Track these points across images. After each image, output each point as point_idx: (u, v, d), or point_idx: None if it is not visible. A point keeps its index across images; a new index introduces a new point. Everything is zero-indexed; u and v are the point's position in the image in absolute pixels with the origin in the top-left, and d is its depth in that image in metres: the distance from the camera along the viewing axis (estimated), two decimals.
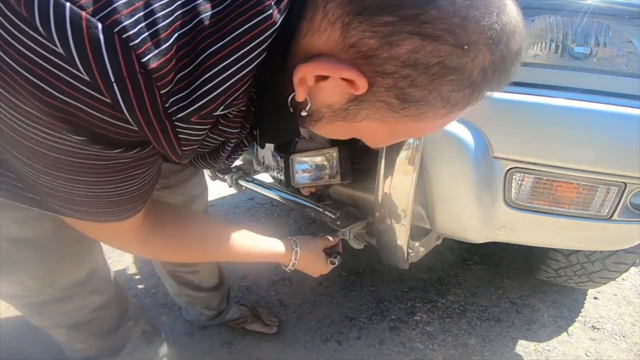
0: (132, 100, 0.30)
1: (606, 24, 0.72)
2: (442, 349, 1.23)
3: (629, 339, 1.29)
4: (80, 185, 0.39)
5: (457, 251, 1.74)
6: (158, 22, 0.29)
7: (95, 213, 0.44)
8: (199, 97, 0.33)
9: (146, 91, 0.30)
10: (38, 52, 0.27)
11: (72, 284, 0.72)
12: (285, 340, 1.26)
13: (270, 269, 1.61)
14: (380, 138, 0.45)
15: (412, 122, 0.38)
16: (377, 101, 0.36)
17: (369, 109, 0.38)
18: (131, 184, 0.42)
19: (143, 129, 0.33)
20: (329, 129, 0.44)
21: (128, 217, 0.48)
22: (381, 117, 0.38)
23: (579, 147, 0.71)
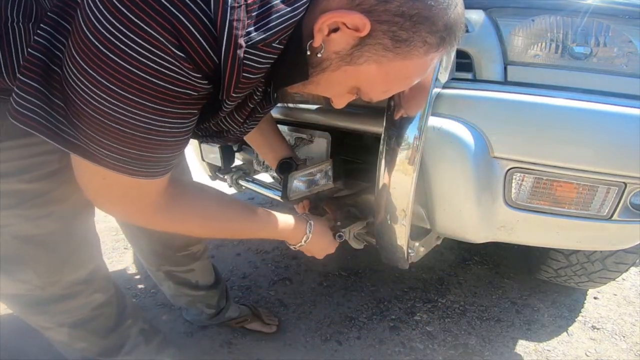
0: (231, 28, 0.42)
1: (606, 24, 0.72)
2: (442, 349, 1.23)
3: (629, 339, 1.29)
4: (143, 115, 0.43)
5: (457, 251, 1.74)
6: None
7: (134, 162, 0.48)
8: (265, 30, 0.45)
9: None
10: None
11: (75, 282, 0.72)
12: (285, 340, 1.26)
13: (270, 269, 1.61)
14: (377, 84, 0.54)
15: (402, 61, 0.51)
16: (376, 43, 0.48)
17: (369, 52, 0.49)
18: (180, 128, 0.48)
19: (225, 52, 0.43)
20: (333, 78, 0.53)
21: (160, 174, 0.52)
22: (379, 59, 0.50)
23: (579, 147, 0.71)
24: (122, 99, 0.42)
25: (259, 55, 0.46)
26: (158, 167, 0.51)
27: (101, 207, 0.57)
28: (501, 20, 0.77)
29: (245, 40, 0.44)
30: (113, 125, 0.44)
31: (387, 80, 0.54)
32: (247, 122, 0.66)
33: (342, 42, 0.49)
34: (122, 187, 0.52)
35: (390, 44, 0.49)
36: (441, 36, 0.49)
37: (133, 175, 0.49)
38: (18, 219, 0.61)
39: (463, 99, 0.77)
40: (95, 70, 0.40)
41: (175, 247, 1.08)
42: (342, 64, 0.51)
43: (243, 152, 1.34)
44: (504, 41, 0.77)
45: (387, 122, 0.75)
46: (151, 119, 0.44)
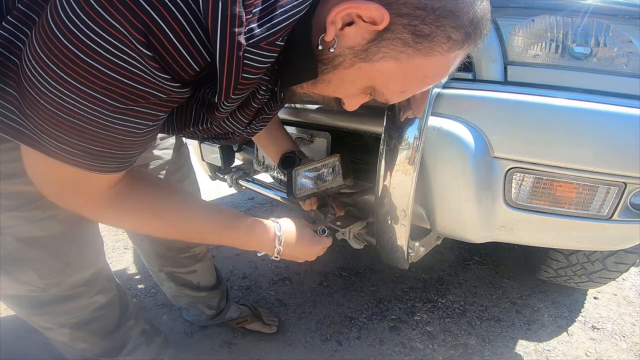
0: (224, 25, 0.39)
1: (606, 24, 0.72)
2: (442, 349, 1.23)
3: (629, 338, 1.29)
4: (104, 112, 0.41)
5: (457, 251, 1.74)
6: None
7: (89, 157, 0.45)
8: (269, 27, 0.42)
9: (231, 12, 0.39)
10: None
11: (78, 283, 0.72)
12: (285, 340, 1.26)
13: (270, 269, 1.61)
14: (394, 83, 0.50)
15: (423, 58, 0.46)
16: (395, 38, 0.44)
17: (387, 47, 0.45)
18: (142, 128, 0.45)
19: (220, 52, 0.40)
20: (346, 76, 0.49)
21: (116, 170, 0.49)
22: (397, 55, 0.46)
23: (579, 147, 0.71)
24: (82, 95, 0.39)
25: (260, 54, 0.43)
26: (115, 163, 0.48)
27: (51, 198, 0.53)
28: (501, 20, 0.77)
29: (246, 38, 0.41)
30: (70, 119, 0.41)
31: (405, 79, 0.50)
32: (253, 123, 0.62)
33: (357, 37, 0.45)
34: (71, 178, 0.49)
35: (410, 39, 0.44)
36: (466, 32, 0.45)
37: (86, 170, 0.46)
38: (20, 221, 0.61)
39: (463, 99, 0.77)
40: (56, 64, 0.38)
41: (178, 249, 1.08)
42: (357, 60, 0.47)
43: (243, 152, 1.34)
44: (504, 41, 0.77)
45: (387, 122, 0.75)
46: (110, 116, 0.41)
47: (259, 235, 0.70)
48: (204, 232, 0.64)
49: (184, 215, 0.62)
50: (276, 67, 0.50)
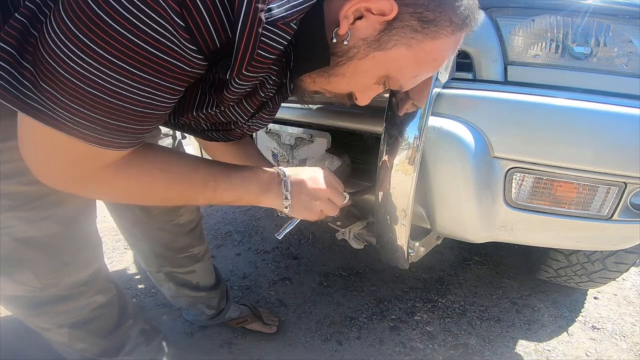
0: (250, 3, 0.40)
1: (606, 24, 0.72)
2: (442, 348, 1.23)
3: (629, 338, 1.29)
4: (127, 82, 0.40)
5: (457, 251, 1.74)
6: None
7: (105, 132, 0.43)
8: (287, 9, 0.44)
9: None
10: None
11: (76, 283, 0.72)
12: (285, 340, 1.26)
13: (271, 269, 1.61)
14: (407, 69, 0.54)
15: (431, 42, 0.51)
16: (404, 26, 0.49)
17: (398, 35, 0.49)
18: (163, 101, 0.44)
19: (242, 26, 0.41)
20: (361, 67, 0.52)
21: (130, 146, 0.47)
22: (408, 42, 0.50)
23: (579, 147, 0.71)
24: (108, 65, 0.38)
25: (277, 33, 0.45)
26: (129, 139, 0.46)
27: (45, 179, 0.49)
28: (501, 20, 0.77)
29: (266, 16, 0.42)
30: (92, 90, 0.39)
31: (417, 63, 0.53)
32: (256, 117, 0.63)
33: (368, 29, 0.49)
34: (76, 154, 0.46)
35: (418, 25, 0.49)
36: (464, 15, 0.50)
37: (101, 146, 0.44)
38: (17, 221, 0.61)
39: (463, 99, 0.77)
40: (83, 31, 0.36)
41: (177, 249, 1.08)
42: (371, 50, 0.51)
43: None
44: (504, 41, 0.77)
45: (387, 122, 0.75)
46: (135, 88, 0.40)
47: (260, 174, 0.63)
48: (212, 179, 0.59)
49: (188, 167, 0.58)
50: (284, 59, 0.53)
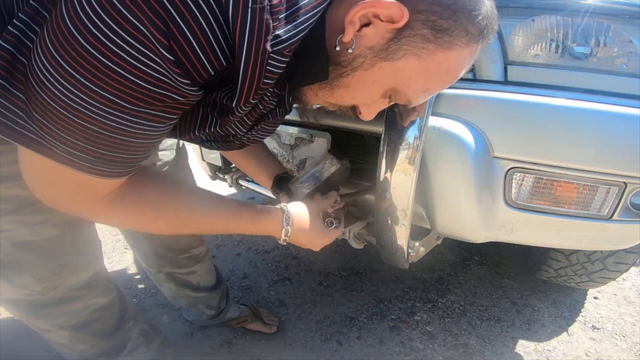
0: (252, 32, 0.39)
1: (606, 23, 0.72)
2: (442, 348, 1.23)
3: (629, 338, 1.29)
4: (118, 115, 0.39)
5: (457, 251, 1.74)
6: None
7: (98, 161, 0.43)
8: (294, 34, 0.42)
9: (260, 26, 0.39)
10: None
11: (76, 286, 0.72)
12: (285, 340, 1.26)
13: (271, 269, 1.61)
14: (417, 81, 0.49)
15: (444, 53, 0.46)
16: (415, 35, 0.45)
17: (408, 44, 0.45)
18: (155, 130, 0.44)
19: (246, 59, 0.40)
20: (366, 78, 0.48)
21: (123, 175, 0.47)
22: (418, 52, 0.46)
23: (579, 147, 0.71)
24: (97, 97, 0.37)
25: (281, 60, 0.43)
26: (123, 168, 0.46)
27: (48, 202, 0.51)
28: (501, 20, 0.76)
29: (271, 45, 0.40)
30: (82, 123, 0.39)
31: (427, 76, 0.49)
32: (255, 129, 0.60)
33: (376, 37, 0.45)
34: (74, 182, 0.46)
35: (430, 35, 0.45)
36: (482, 25, 0.46)
37: (94, 175, 0.45)
38: (16, 225, 0.60)
39: (463, 99, 0.77)
40: (71, 64, 0.36)
41: (178, 250, 1.08)
42: (377, 60, 0.46)
43: None
44: (504, 41, 0.77)
45: (387, 122, 0.75)
46: (125, 120, 0.40)
47: (265, 225, 0.66)
48: (209, 223, 0.61)
49: (186, 206, 0.59)
50: (283, 72, 0.50)
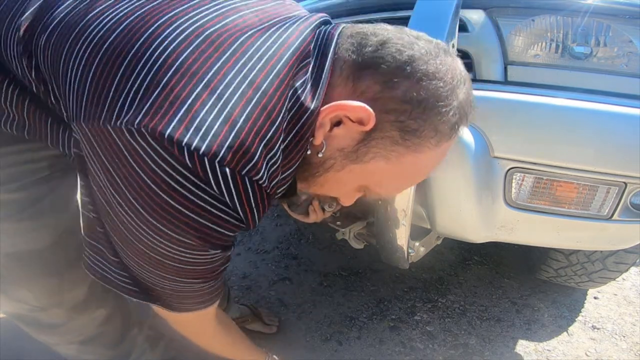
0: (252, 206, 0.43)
1: (606, 23, 0.72)
2: (442, 348, 1.23)
3: (629, 338, 1.29)
4: (182, 280, 0.48)
5: (457, 251, 1.74)
6: (271, 169, 0.42)
7: (190, 297, 0.53)
8: (283, 179, 0.46)
9: (260, 196, 0.43)
10: (202, 196, 0.38)
11: (78, 301, 0.70)
12: (286, 340, 1.26)
13: (271, 269, 1.61)
14: (387, 182, 0.50)
15: (413, 154, 0.46)
16: (383, 137, 0.44)
17: (377, 146, 0.45)
18: (224, 250, 0.49)
19: (248, 220, 0.44)
20: (339, 179, 0.49)
21: (210, 302, 0.57)
22: (387, 154, 0.45)
23: (579, 147, 0.71)
24: (170, 281, 0.48)
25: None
26: (212, 298, 0.57)
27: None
28: (501, 20, 0.77)
29: (265, 188, 0.44)
30: (175, 293, 0.51)
31: (397, 177, 0.50)
32: None
33: (346, 138, 0.45)
34: (188, 319, 0.60)
35: (399, 137, 0.44)
36: (453, 122, 0.45)
37: (192, 311, 0.56)
38: (7, 234, 0.58)
39: None
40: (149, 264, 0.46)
41: None
42: (347, 162, 0.47)
43: None
44: (504, 41, 0.77)
45: None
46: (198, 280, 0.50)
47: None
48: (240, 354, 0.80)
49: (233, 343, 0.78)
50: None
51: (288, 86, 0.41)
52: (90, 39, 0.38)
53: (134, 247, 0.44)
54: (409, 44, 0.43)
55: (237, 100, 0.37)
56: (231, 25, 0.41)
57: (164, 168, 0.36)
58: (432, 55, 0.43)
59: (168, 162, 0.36)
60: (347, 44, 0.44)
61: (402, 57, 0.42)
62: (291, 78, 0.41)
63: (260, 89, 0.39)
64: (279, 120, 0.40)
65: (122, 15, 0.39)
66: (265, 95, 0.39)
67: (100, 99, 0.36)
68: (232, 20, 0.41)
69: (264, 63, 0.40)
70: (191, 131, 0.35)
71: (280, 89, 0.40)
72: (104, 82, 0.36)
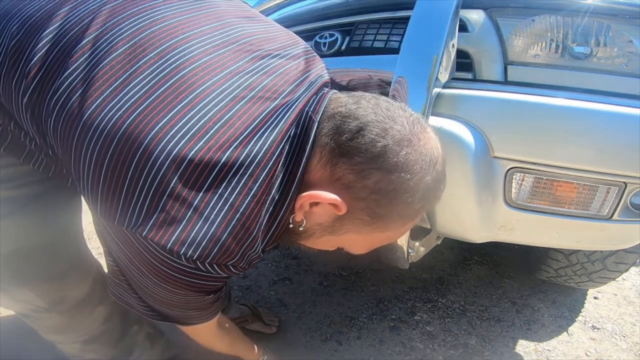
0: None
1: (606, 23, 0.72)
2: (442, 348, 1.23)
3: (629, 338, 1.29)
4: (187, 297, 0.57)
5: (457, 251, 1.74)
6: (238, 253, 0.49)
7: (195, 317, 0.66)
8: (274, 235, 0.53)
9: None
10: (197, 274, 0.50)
11: (79, 299, 0.71)
12: (286, 340, 1.26)
13: (271, 269, 1.61)
14: (359, 246, 0.60)
15: (380, 232, 0.53)
16: (354, 219, 0.50)
17: (349, 225, 0.52)
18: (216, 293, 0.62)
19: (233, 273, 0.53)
20: (319, 242, 0.58)
21: (214, 315, 0.69)
22: (358, 230, 0.52)
23: (579, 147, 0.71)
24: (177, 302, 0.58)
25: None
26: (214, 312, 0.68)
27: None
28: (501, 20, 0.77)
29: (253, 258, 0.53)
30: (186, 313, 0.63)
31: (367, 244, 0.59)
32: None
33: (323, 215, 0.51)
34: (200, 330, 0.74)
35: (368, 220, 0.50)
36: (417, 207, 0.51)
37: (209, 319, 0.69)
38: (10, 230, 0.59)
39: (463, 99, 0.77)
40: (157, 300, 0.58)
41: None
42: (325, 233, 0.54)
43: None
44: (504, 41, 0.77)
45: None
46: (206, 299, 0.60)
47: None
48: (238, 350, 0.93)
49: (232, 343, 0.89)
50: None
51: (264, 203, 0.48)
52: (96, 138, 0.44)
53: (146, 292, 0.57)
54: (384, 132, 0.46)
55: (220, 222, 0.45)
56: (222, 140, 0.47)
57: (166, 262, 0.47)
58: (403, 145, 0.46)
59: (170, 259, 0.46)
60: (327, 129, 0.49)
61: (376, 149, 0.46)
62: (267, 194, 0.48)
63: (239, 211, 0.46)
64: (257, 229, 0.48)
65: (123, 112, 0.44)
66: (243, 216, 0.46)
67: (113, 207, 0.44)
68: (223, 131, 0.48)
69: (243, 184, 0.46)
70: (185, 246, 0.44)
71: (257, 207, 0.47)
72: (113, 190, 0.44)
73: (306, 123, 0.49)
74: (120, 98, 0.44)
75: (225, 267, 0.49)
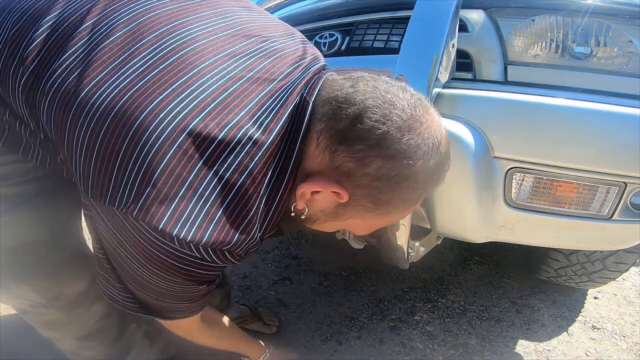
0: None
1: (606, 23, 0.72)
2: (442, 348, 1.23)
3: (629, 338, 1.29)
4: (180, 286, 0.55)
5: (457, 251, 1.74)
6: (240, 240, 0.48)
7: (182, 311, 0.63)
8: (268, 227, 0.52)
9: None
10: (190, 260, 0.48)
11: (76, 296, 0.71)
12: (286, 340, 1.26)
13: (270, 269, 1.61)
14: (362, 229, 0.59)
15: (383, 217, 0.53)
16: (357, 205, 0.50)
17: (352, 211, 0.51)
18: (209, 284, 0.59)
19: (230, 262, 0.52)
20: (324, 226, 0.58)
21: (198, 311, 0.67)
22: (361, 216, 0.52)
23: (579, 147, 0.71)
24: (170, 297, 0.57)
25: None
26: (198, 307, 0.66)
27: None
28: (501, 20, 0.77)
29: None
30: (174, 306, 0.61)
31: (371, 227, 0.58)
32: None
33: (325, 202, 0.51)
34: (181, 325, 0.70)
35: (370, 206, 0.50)
36: (419, 192, 0.50)
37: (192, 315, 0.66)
38: (8, 227, 0.59)
39: (463, 99, 0.77)
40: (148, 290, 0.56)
41: None
42: (329, 219, 0.55)
43: None
44: (504, 41, 0.77)
45: None
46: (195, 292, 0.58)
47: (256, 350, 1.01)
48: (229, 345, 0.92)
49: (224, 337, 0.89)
50: None
51: (260, 182, 0.47)
52: (91, 115, 0.43)
53: (136, 280, 0.54)
54: (383, 118, 0.44)
55: (215, 199, 0.44)
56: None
57: (159, 245, 0.45)
58: (405, 130, 0.44)
59: (162, 241, 0.44)
60: (321, 114, 0.47)
61: (376, 136, 0.44)
62: (264, 174, 0.47)
63: (235, 186, 0.45)
64: (253, 210, 0.47)
65: (120, 90, 0.43)
66: (238, 193, 0.45)
67: (104, 186, 0.43)
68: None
69: (239, 162, 0.45)
70: (179, 226, 0.42)
71: (254, 185, 0.46)
72: (106, 167, 0.42)
73: (301, 105, 0.49)
74: (117, 77, 0.44)
75: (221, 253, 0.47)
